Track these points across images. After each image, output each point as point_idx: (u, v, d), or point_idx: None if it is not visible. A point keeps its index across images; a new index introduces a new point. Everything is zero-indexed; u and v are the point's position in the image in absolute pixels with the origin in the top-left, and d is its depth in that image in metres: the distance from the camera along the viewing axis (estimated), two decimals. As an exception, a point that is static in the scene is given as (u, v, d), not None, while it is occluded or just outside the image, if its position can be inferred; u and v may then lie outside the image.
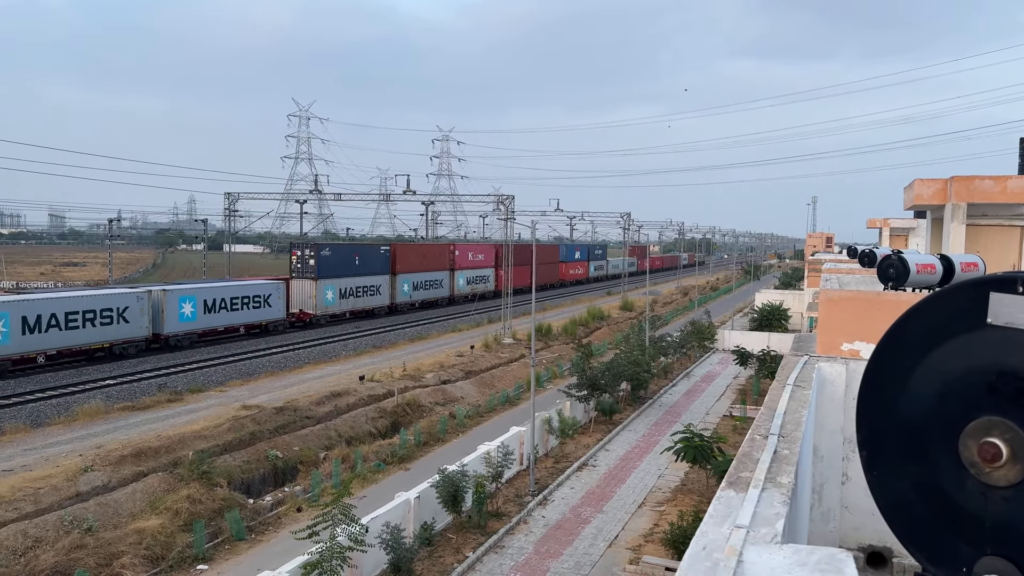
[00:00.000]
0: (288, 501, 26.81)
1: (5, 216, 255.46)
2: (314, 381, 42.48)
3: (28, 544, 20.96)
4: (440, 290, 78.40)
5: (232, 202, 74.63)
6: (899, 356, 2.79)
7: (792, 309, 65.51)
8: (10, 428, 31.09)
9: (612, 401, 38.12)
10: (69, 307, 42.72)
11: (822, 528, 8.07)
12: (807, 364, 9.00)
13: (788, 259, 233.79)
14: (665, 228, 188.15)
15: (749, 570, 3.11)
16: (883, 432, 2.84)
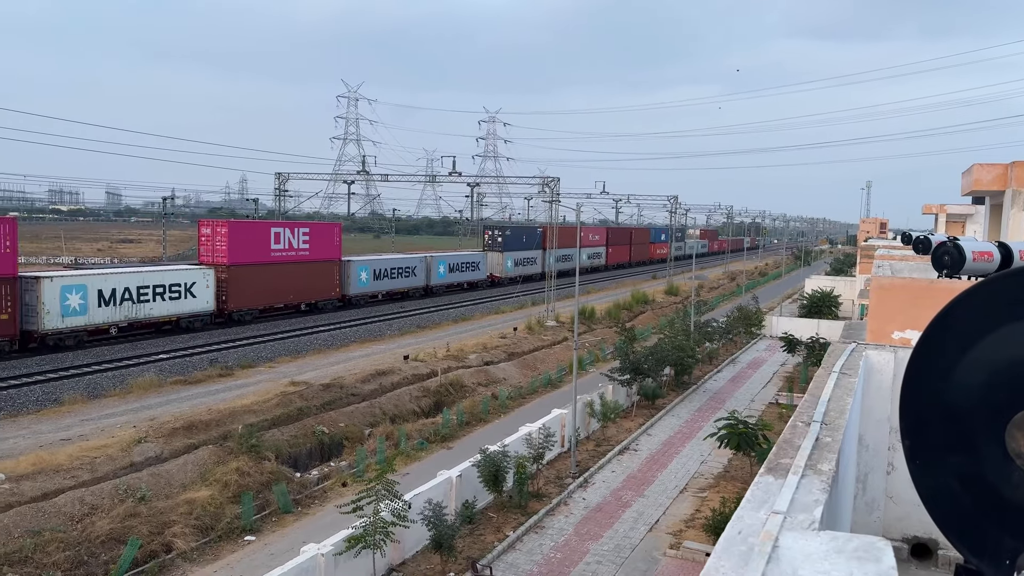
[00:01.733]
0: (334, 476, 27.32)
1: (64, 194, 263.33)
2: (360, 359, 43.09)
3: (84, 511, 21.74)
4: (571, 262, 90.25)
5: (282, 182, 75.73)
6: (946, 344, 2.74)
7: (843, 296, 64.25)
8: (68, 399, 32.21)
9: (655, 386, 37.94)
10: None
11: (865, 518, 7.95)
12: (854, 352, 8.84)
13: (840, 245, 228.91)
14: (713, 212, 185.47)
15: (784, 555, 3.09)
16: (927, 421, 2.79)
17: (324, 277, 59.54)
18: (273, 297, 55.46)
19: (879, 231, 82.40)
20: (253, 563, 20.14)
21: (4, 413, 29.78)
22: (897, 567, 2.93)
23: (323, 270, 59.55)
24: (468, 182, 78.36)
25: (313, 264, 58.37)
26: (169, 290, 46.84)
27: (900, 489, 7.79)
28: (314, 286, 58.77)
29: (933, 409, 2.76)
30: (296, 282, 56.74)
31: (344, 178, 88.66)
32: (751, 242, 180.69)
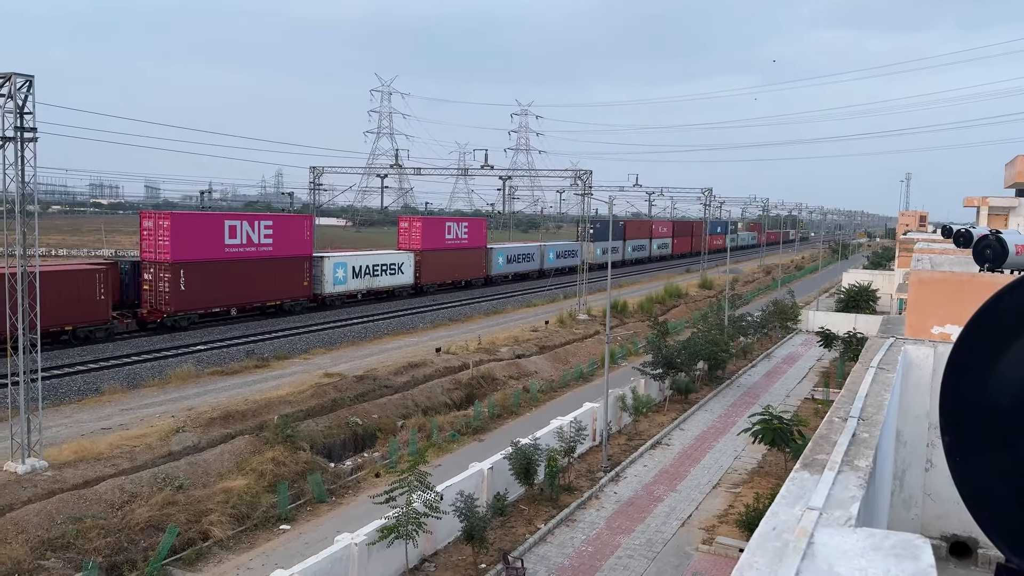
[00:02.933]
0: (367, 467, 27.59)
1: (105, 187, 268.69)
2: (392, 352, 43.41)
3: (124, 499, 22.22)
4: (643, 252, 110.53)
5: (317, 176, 76.44)
6: (988, 339, 2.68)
7: (881, 290, 63.21)
8: (108, 389, 32.92)
9: (688, 380, 37.67)
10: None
11: (903, 515, 7.83)
12: (893, 346, 8.69)
13: (879, 238, 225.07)
14: (748, 204, 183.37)
15: (820, 552, 3.05)
16: (967, 417, 2.74)
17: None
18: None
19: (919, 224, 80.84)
20: (288, 551, 20.44)
21: (47, 402, 30.53)
22: (936, 566, 2.88)
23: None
24: (500, 175, 78.37)
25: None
26: (388, 268, 63.81)
27: (939, 486, 7.66)
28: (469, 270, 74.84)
29: (974, 405, 2.70)
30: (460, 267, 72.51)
31: (377, 172, 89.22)
32: (796, 234, 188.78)
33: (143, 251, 46.60)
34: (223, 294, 48.97)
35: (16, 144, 22.38)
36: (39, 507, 20.65)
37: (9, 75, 22.35)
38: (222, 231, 49.13)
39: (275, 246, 52.49)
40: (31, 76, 22.60)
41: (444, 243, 69.87)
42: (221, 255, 48.51)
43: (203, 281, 46.95)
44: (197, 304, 47.44)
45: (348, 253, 64.09)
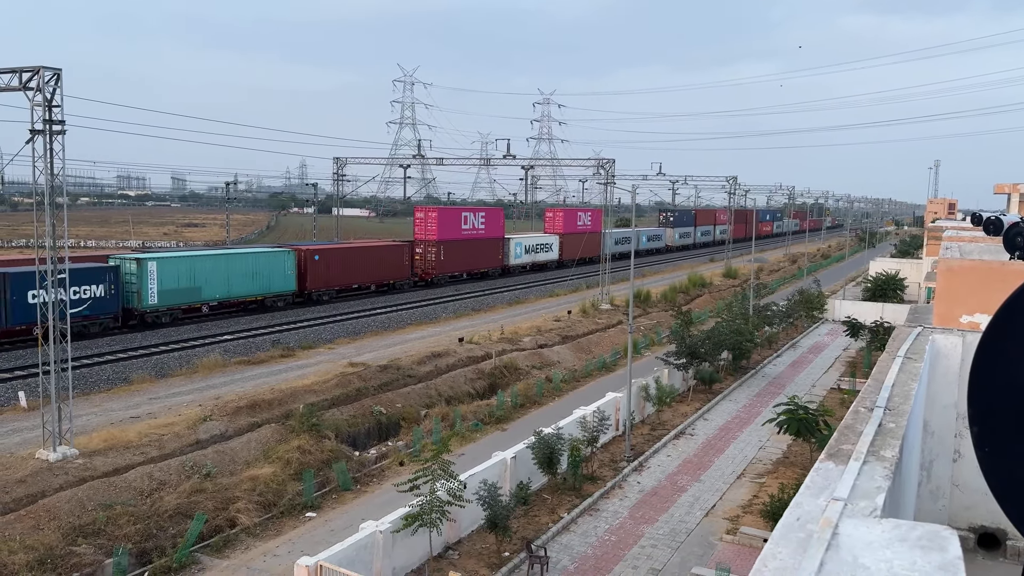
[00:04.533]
0: (391, 455, 27.79)
1: (132, 179, 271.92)
2: (416, 341, 43.61)
3: (153, 486, 22.57)
4: (709, 236, 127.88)
5: (340, 167, 76.80)
6: (1019, 327, 2.63)
7: (909, 279, 62.35)
8: (137, 378, 33.40)
9: (712, 370, 37.47)
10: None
11: (930, 506, 7.74)
12: (920, 336, 8.57)
13: (906, 226, 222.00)
14: (774, 193, 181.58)
15: (844, 543, 3.02)
16: (997, 408, 2.70)
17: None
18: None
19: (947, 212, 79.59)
20: (314, 539, 20.66)
21: (77, 391, 31.04)
22: (963, 557, 2.84)
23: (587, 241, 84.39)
24: (522, 165, 78.27)
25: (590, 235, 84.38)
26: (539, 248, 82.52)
27: (967, 477, 7.56)
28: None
29: (1003, 395, 2.66)
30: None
31: (400, 162, 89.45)
32: (832, 222, 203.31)
33: (415, 234, 68.56)
34: (460, 263, 71.02)
35: (45, 137, 22.69)
36: (70, 494, 21.04)
37: (37, 69, 22.65)
38: (459, 220, 71.68)
39: (487, 230, 74.60)
40: (59, 70, 22.88)
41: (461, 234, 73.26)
42: (460, 236, 70.41)
43: (451, 253, 68.71)
44: (448, 269, 69.32)
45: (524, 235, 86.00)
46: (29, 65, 22.76)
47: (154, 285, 43.91)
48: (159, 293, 44.07)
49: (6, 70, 23.21)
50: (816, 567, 2.84)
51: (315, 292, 55.28)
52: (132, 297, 43.22)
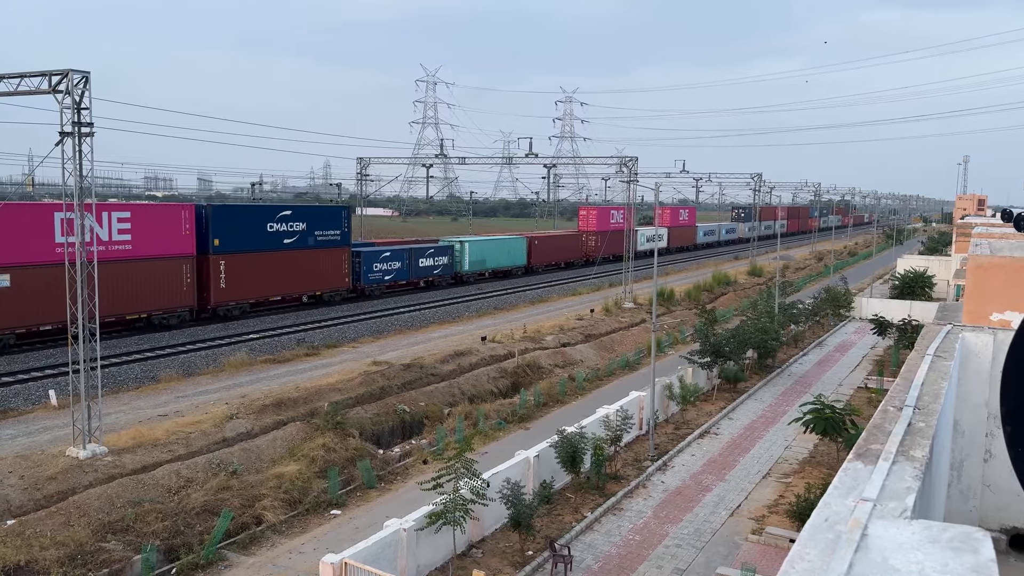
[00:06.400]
0: (415, 453, 27.88)
1: (159, 180, 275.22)
2: (439, 340, 43.73)
3: (180, 483, 22.83)
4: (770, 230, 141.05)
5: (364, 166, 77.19)
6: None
7: (937, 276, 61.56)
8: (164, 377, 33.81)
9: (737, 369, 37.18)
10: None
11: (960, 506, 7.61)
12: (950, 334, 8.43)
13: (935, 223, 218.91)
14: (799, 189, 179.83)
15: (874, 544, 2.97)
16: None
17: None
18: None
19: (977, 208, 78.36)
20: (338, 536, 20.78)
21: (106, 390, 31.47)
22: (996, 559, 2.78)
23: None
24: (545, 163, 78.16)
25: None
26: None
27: (999, 477, 7.43)
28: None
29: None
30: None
31: (423, 162, 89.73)
32: (869, 218, 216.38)
33: (580, 227, 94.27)
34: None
35: (74, 139, 23.03)
36: (100, 491, 21.35)
37: (66, 72, 22.99)
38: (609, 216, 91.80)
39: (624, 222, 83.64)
40: (87, 72, 23.21)
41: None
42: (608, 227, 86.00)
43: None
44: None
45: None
46: (58, 68, 23.10)
47: (466, 258, 69.62)
48: (468, 263, 70.08)
49: (36, 73, 23.58)
50: (845, 569, 2.80)
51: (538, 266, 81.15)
52: (457, 265, 68.68)
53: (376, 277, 59.38)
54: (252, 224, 49.05)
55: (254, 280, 48.61)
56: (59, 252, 35.52)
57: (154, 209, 47.95)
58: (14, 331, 37.01)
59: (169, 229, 43.83)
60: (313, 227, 52.94)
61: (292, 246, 51.27)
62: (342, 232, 55.48)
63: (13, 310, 36.32)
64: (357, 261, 57.30)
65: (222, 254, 46.44)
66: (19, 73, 23.94)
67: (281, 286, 51.15)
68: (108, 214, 40.93)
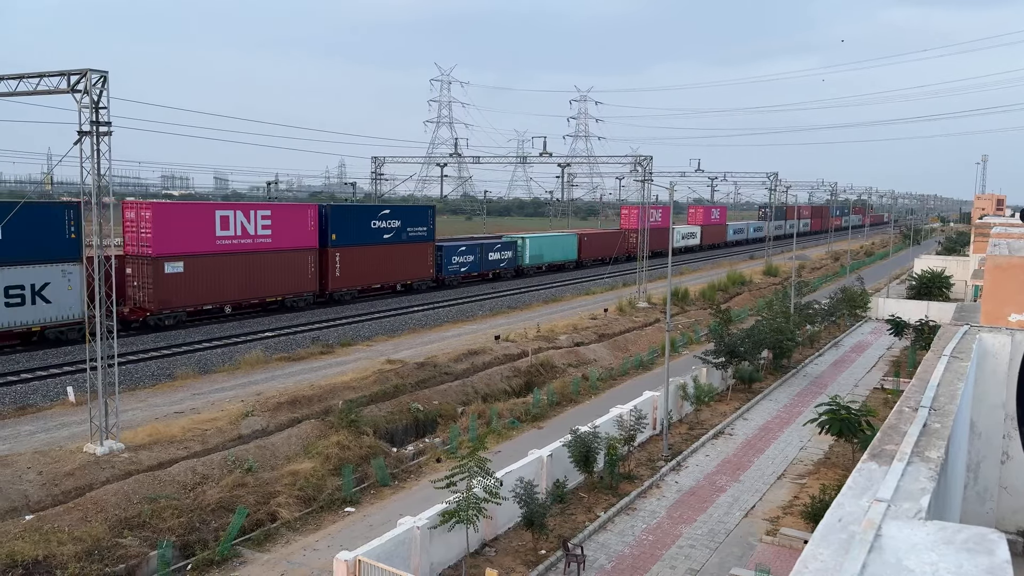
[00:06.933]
0: (428, 452, 27.95)
1: (176, 179, 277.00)
2: (452, 339, 43.81)
3: (196, 480, 23.01)
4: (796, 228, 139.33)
5: (378, 166, 77.43)
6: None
7: (955, 277, 61.03)
8: (181, 374, 34.07)
9: (752, 369, 36.99)
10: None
11: (977, 508, 7.55)
12: (967, 334, 8.36)
13: (952, 223, 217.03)
14: (815, 189, 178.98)
15: (888, 545, 2.95)
16: None
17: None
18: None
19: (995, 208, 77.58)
20: (352, 533, 20.87)
21: (123, 387, 31.76)
22: (1012, 561, 2.76)
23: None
24: (559, 163, 78.12)
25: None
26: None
27: (1016, 479, 7.37)
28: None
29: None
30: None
31: (437, 161, 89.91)
32: (888, 217, 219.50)
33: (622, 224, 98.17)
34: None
35: (92, 138, 23.24)
36: (117, 487, 21.54)
37: (84, 72, 23.20)
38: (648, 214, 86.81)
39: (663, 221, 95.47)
40: (105, 72, 23.41)
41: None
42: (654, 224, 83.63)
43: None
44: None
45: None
46: (77, 68, 23.31)
47: (527, 252, 76.14)
48: (529, 257, 76.79)
49: (55, 73, 23.82)
50: (858, 569, 2.78)
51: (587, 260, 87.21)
52: (519, 259, 75.42)
53: (454, 269, 67.20)
54: (360, 221, 56.74)
55: (361, 269, 56.41)
56: (218, 244, 45.66)
57: (287, 208, 55.03)
58: (185, 309, 44.58)
59: (299, 225, 51.44)
60: (406, 224, 60.59)
61: (390, 241, 59.05)
62: (428, 228, 63.17)
63: (186, 292, 44.00)
64: (439, 254, 65.08)
65: (337, 247, 54.01)
66: (38, 73, 24.20)
67: (381, 275, 58.99)
68: (254, 212, 48.74)
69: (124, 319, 41.43)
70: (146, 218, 42.60)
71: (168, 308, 43.46)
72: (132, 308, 42.84)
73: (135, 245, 43.00)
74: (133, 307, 42.93)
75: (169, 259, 42.95)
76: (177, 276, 43.28)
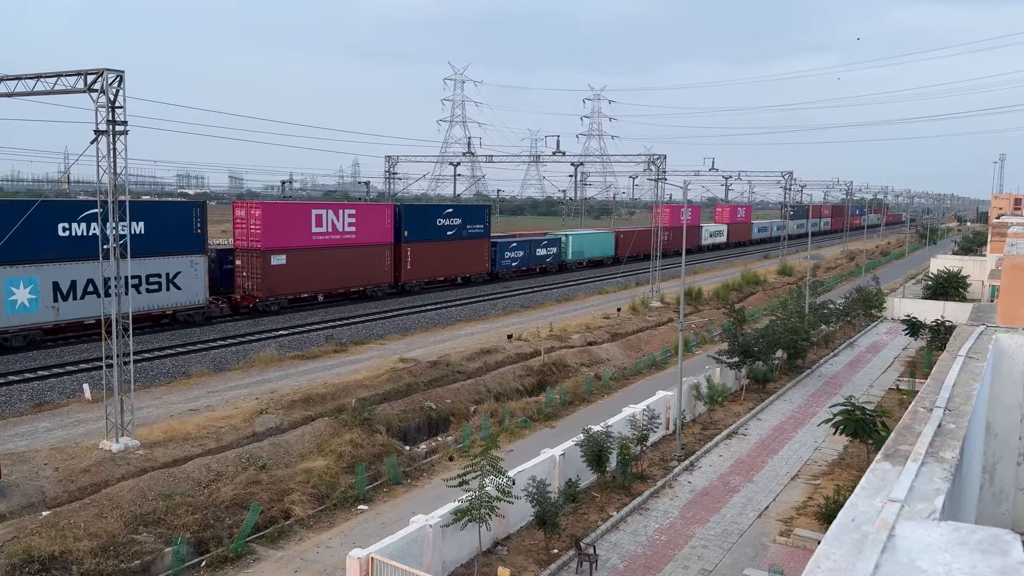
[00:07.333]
0: (441, 450, 28.00)
1: (191, 178, 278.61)
2: (465, 338, 43.85)
3: (211, 477, 23.15)
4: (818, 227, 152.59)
5: (392, 165, 77.63)
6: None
7: (972, 277, 60.53)
8: (196, 372, 34.30)
9: (766, 369, 36.81)
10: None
11: (992, 510, 7.48)
12: (983, 335, 8.29)
13: (969, 222, 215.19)
14: (831, 188, 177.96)
15: (901, 545, 2.94)
16: None
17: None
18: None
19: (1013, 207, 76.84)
20: (365, 531, 20.95)
21: (139, 384, 32.00)
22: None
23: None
24: (572, 161, 78.09)
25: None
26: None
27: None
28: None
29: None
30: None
31: (450, 160, 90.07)
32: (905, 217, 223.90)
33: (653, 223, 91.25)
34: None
35: (108, 137, 23.43)
36: (132, 484, 21.71)
37: (101, 71, 23.38)
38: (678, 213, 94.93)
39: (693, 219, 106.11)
40: (121, 72, 23.59)
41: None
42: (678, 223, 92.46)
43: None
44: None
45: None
46: (93, 67, 23.51)
47: (570, 248, 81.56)
48: (571, 253, 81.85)
49: (72, 72, 24.02)
50: (871, 569, 2.77)
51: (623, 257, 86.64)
52: (563, 255, 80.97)
53: (507, 263, 73.12)
54: (427, 219, 62.85)
55: (428, 263, 62.36)
56: (314, 239, 51.70)
57: (368, 207, 60.25)
58: (286, 297, 50.51)
59: (378, 223, 57.41)
60: (466, 222, 66.20)
61: (452, 237, 64.74)
62: (484, 226, 68.84)
63: (287, 281, 50.11)
64: (494, 250, 70.78)
65: (409, 243, 60.14)
66: (55, 72, 24.42)
67: (444, 268, 64.84)
68: (342, 211, 54.90)
69: (235, 305, 48.32)
70: (255, 216, 48.61)
71: (273, 296, 49.41)
72: (243, 295, 48.48)
73: (245, 240, 48.88)
74: (244, 294, 48.51)
75: (275, 252, 48.98)
76: (281, 267, 49.27)
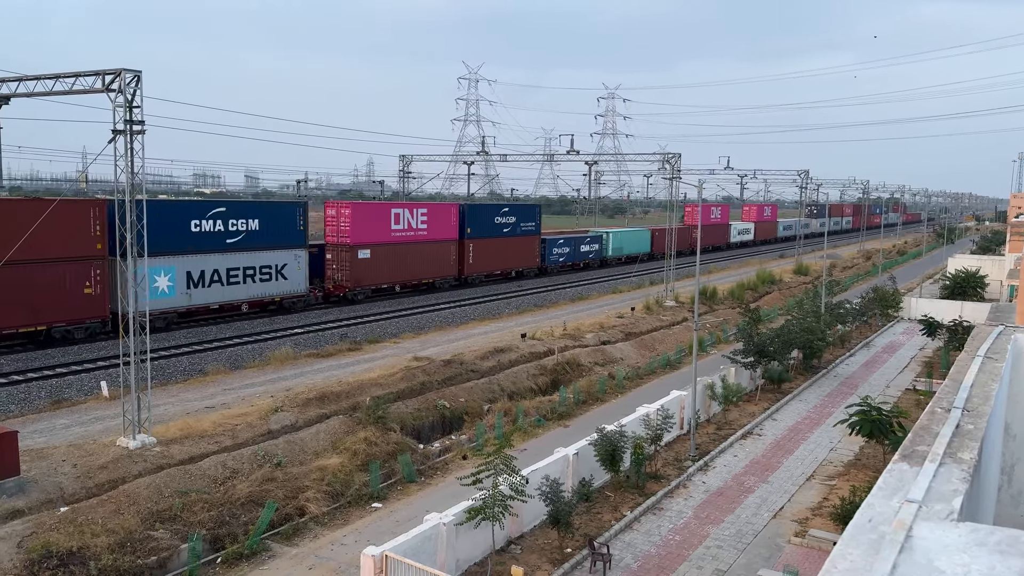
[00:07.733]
0: (454, 449, 28.05)
1: (208, 177, 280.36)
2: (478, 337, 43.90)
3: (226, 474, 23.29)
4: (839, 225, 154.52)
5: (406, 164, 77.77)
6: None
7: (990, 276, 60.01)
8: (212, 370, 34.52)
9: (781, 369, 36.61)
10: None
11: (1011, 511, 7.41)
12: (1002, 335, 8.21)
13: (988, 221, 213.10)
14: (847, 187, 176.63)
15: (919, 546, 2.92)
16: None
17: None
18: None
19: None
20: (379, 529, 21.02)
21: (155, 382, 32.23)
22: (1047, 564, 2.71)
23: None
24: (586, 160, 77.98)
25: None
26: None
27: (1053, 483, 7.21)
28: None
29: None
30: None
31: (464, 159, 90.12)
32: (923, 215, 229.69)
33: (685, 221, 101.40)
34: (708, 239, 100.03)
35: (126, 137, 23.62)
36: (148, 480, 21.89)
37: (119, 71, 23.58)
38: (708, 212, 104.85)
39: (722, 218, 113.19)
40: (139, 72, 23.78)
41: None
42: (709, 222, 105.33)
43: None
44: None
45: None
46: (111, 68, 23.71)
47: (610, 245, 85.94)
48: (611, 250, 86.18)
49: (90, 72, 24.24)
50: (888, 569, 2.75)
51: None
52: (604, 251, 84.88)
53: (555, 259, 77.95)
54: (487, 217, 67.98)
55: (487, 258, 67.51)
56: (393, 235, 57.59)
57: (438, 207, 65.45)
58: (371, 287, 56.13)
59: (445, 220, 63.07)
60: (519, 220, 71.16)
61: (508, 234, 70.05)
62: (535, 224, 73.58)
63: (370, 274, 55.75)
64: (543, 246, 75.59)
65: (471, 239, 65.28)
66: (74, 72, 24.65)
67: (501, 263, 69.94)
68: (416, 210, 60.73)
69: (327, 294, 53.65)
70: (345, 215, 54.35)
71: (360, 286, 55.02)
72: (334, 285, 53.78)
73: (335, 236, 54.43)
74: (335, 284, 53.82)
75: (361, 247, 54.64)
76: (366, 261, 55.02)
